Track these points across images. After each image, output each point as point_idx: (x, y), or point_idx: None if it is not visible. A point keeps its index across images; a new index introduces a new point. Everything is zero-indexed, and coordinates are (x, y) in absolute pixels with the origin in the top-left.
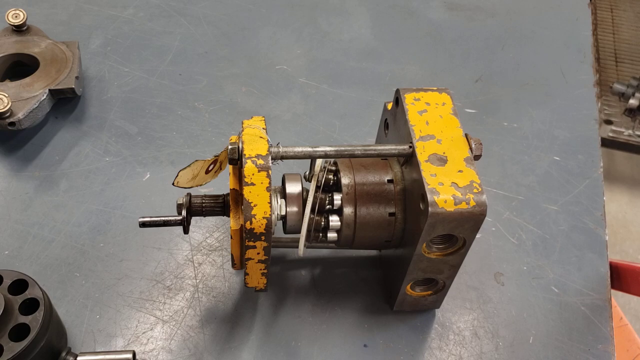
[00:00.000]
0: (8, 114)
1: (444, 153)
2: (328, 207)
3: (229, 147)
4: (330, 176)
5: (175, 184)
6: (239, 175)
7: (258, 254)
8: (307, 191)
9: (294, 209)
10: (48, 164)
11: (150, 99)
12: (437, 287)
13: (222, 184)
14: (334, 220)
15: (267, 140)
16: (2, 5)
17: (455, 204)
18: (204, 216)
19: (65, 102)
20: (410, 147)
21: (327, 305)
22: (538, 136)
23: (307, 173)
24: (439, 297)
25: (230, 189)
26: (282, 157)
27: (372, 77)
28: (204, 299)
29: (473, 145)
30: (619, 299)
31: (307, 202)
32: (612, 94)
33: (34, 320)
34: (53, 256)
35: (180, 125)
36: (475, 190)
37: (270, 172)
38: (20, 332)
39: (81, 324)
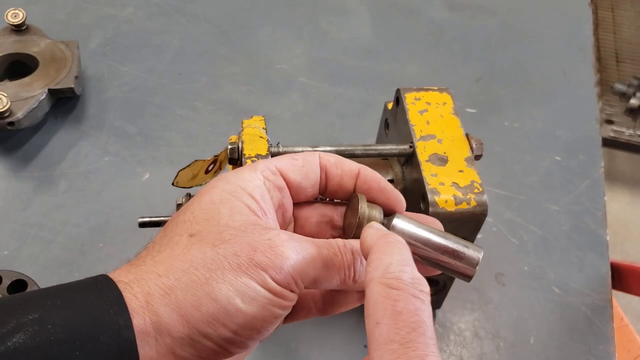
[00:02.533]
0: (7, 114)
1: (444, 153)
2: None
3: (229, 146)
4: None
5: (174, 184)
6: None
7: None
8: None
9: None
10: (47, 164)
11: (150, 99)
12: (438, 287)
13: None
14: None
15: (267, 140)
16: (1, 5)
17: (456, 204)
18: None
19: (64, 101)
20: (411, 146)
21: None
22: (539, 136)
23: None
24: (440, 297)
25: None
26: None
27: (372, 76)
28: None
29: (474, 145)
30: (619, 299)
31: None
32: (613, 94)
33: None
34: (52, 256)
35: (179, 124)
36: (476, 191)
37: None
38: None
39: None
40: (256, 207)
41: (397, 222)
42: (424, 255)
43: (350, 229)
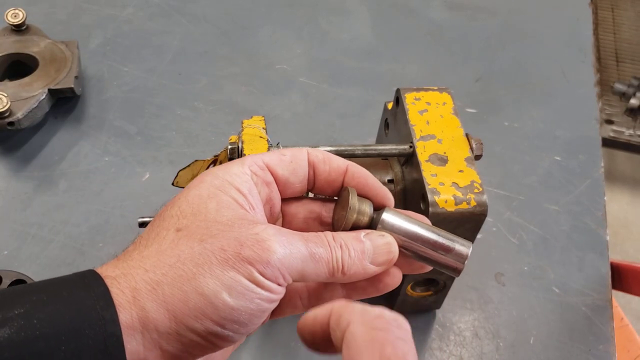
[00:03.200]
0: (7, 114)
1: (444, 153)
2: None
3: (229, 146)
4: None
5: (174, 184)
6: None
7: None
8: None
9: None
10: (47, 164)
11: (150, 99)
12: (438, 287)
13: None
14: None
15: (267, 140)
16: (1, 5)
17: (456, 204)
18: None
19: (64, 101)
20: (411, 146)
21: None
22: (539, 136)
23: None
24: (440, 297)
25: None
26: None
27: (372, 76)
28: None
29: (474, 145)
30: (619, 299)
31: None
32: (613, 94)
33: None
34: (52, 256)
35: (179, 124)
36: (476, 190)
37: None
38: None
39: None
40: (244, 201)
41: (386, 215)
42: (413, 250)
43: (340, 222)
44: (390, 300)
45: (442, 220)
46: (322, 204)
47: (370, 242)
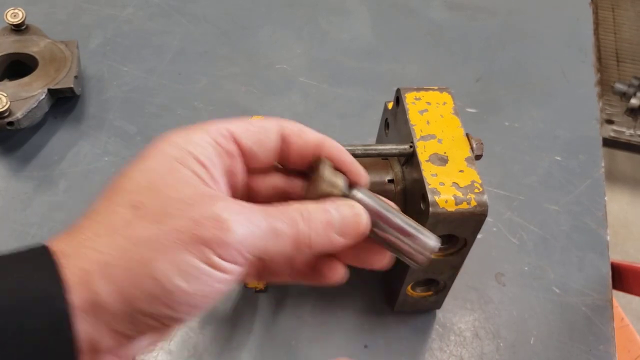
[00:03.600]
0: (7, 114)
1: (444, 153)
2: None
3: None
4: None
5: None
6: None
7: None
8: None
9: None
10: (47, 164)
11: (150, 99)
12: (438, 287)
13: None
14: None
15: None
16: (1, 5)
17: (456, 204)
18: None
19: (64, 101)
20: (411, 146)
21: (327, 305)
22: (539, 136)
23: None
24: (440, 297)
25: None
26: None
27: (372, 76)
28: None
29: (474, 145)
30: (620, 299)
31: None
32: (613, 94)
33: None
34: None
35: (179, 124)
36: (476, 190)
37: None
38: None
39: None
40: (204, 174)
41: (357, 193)
42: (378, 233)
43: (310, 192)
44: (390, 300)
45: (442, 221)
46: (289, 178)
47: (338, 212)
